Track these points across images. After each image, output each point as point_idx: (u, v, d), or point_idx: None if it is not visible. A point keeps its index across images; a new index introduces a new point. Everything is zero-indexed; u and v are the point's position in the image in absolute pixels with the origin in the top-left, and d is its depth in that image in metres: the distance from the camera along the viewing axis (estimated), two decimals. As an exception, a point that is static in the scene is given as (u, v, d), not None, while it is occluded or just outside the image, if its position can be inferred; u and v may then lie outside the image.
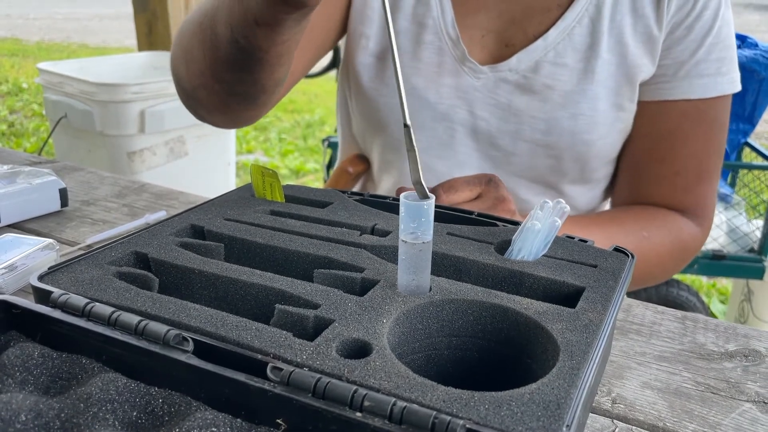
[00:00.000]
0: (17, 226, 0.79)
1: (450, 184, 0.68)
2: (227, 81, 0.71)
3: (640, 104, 0.87)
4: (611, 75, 0.83)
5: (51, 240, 0.68)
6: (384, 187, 0.99)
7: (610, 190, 0.97)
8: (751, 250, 1.92)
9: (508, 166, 0.89)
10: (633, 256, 0.55)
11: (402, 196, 0.44)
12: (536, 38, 0.84)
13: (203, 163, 2.57)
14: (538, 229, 0.52)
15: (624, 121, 0.86)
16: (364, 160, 1.02)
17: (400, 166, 0.94)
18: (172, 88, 2.29)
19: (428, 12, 0.86)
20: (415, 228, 0.45)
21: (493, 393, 0.36)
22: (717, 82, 0.83)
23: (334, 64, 2.21)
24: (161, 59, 2.72)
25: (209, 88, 0.74)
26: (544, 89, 0.83)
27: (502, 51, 0.86)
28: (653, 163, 0.88)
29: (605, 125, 0.84)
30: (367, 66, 0.90)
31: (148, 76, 2.51)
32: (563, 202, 0.53)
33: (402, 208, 0.45)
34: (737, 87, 0.85)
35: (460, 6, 0.87)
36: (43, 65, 2.48)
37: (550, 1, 0.83)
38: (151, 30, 2.93)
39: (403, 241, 0.45)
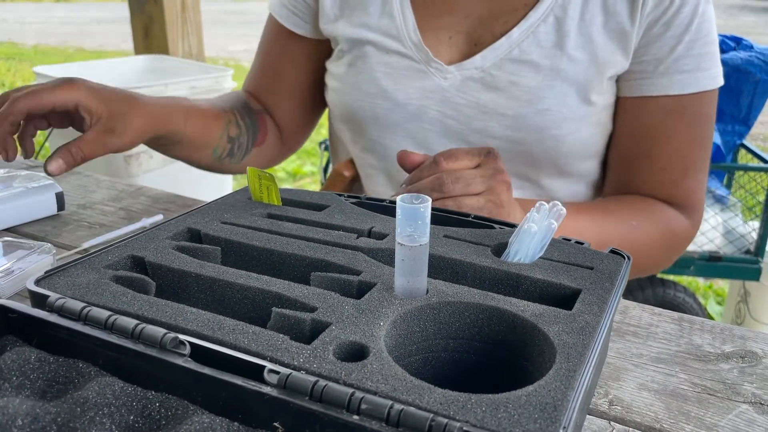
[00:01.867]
0: (13, 230, 0.79)
1: (450, 152, 0.68)
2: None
3: (621, 101, 0.88)
4: (580, 71, 0.84)
5: (47, 244, 0.68)
6: (374, 188, 1.00)
7: (598, 185, 0.98)
8: (748, 252, 1.92)
9: None
10: (629, 258, 0.55)
11: (399, 198, 0.45)
12: (502, 36, 0.86)
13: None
14: (535, 231, 0.52)
15: (595, 116, 0.87)
16: None
17: (383, 168, 0.96)
18: (168, 92, 2.29)
19: (392, 22, 0.90)
20: (412, 231, 0.45)
21: (490, 395, 0.36)
22: (697, 77, 0.84)
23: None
24: (158, 63, 2.72)
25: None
26: (510, 86, 0.85)
27: (471, 50, 0.89)
28: (638, 160, 0.89)
29: (574, 120, 0.86)
30: (339, 75, 0.96)
31: (145, 80, 2.52)
32: (560, 204, 0.53)
33: (399, 211, 0.45)
34: (719, 82, 0.86)
35: (423, 11, 0.90)
36: (39, 69, 2.47)
37: (517, 1, 0.86)
38: (147, 33, 2.93)
39: (399, 243, 0.45)
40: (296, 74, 1.03)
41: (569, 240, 0.58)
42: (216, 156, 0.98)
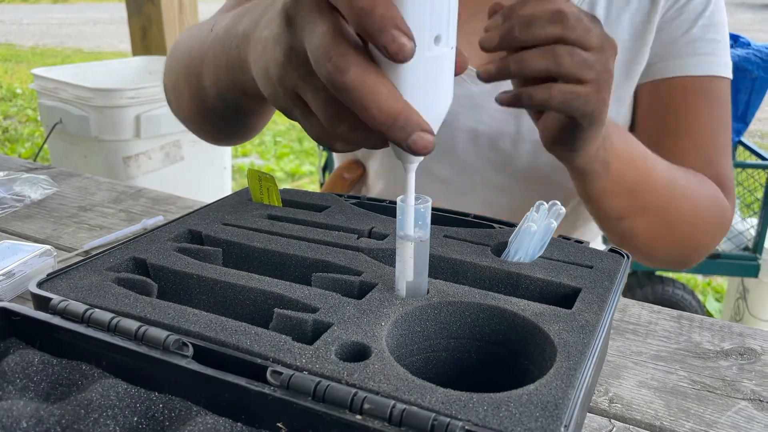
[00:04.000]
0: (14, 233, 0.79)
1: (567, 11, 0.56)
2: (215, 123, 0.75)
3: (640, 89, 0.87)
4: None
5: (48, 246, 0.68)
6: (377, 190, 0.99)
7: None
8: (746, 249, 1.93)
9: (509, 168, 0.89)
10: (628, 257, 0.55)
11: (399, 199, 0.45)
12: None
13: (199, 168, 2.57)
14: (535, 230, 0.53)
15: (623, 116, 0.87)
16: (360, 166, 1.02)
17: (399, 169, 0.95)
18: (167, 93, 2.30)
19: None
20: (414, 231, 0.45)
21: (492, 394, 0.36)
22: (713, 61, 0.83)
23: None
24: (156, 64, 2.72)
25: (198, 124, 0.78)
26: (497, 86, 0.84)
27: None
28: (668, 137, 0.86)
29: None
30: None
31: (144, 81, 2.52)
32: (559, 203, 0.54)
33: (399, 212, 0.45)
34: (730, 73, 0.85)
35: None
36: (37, 71, 2.48)
37: None
38: (145, 34, 2.93)
39: (399, 241, 0.45)
40: None
41: (569, 239, 0.58)
42: (270, 116, 0.88)
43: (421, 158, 0.42)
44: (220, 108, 0.68)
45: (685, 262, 0.87)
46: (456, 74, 0.42)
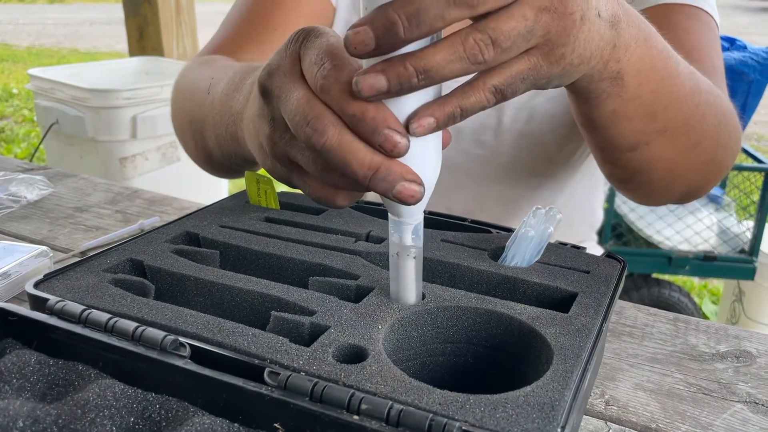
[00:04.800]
0: (10, 234, 0.79)
1: None
2: (224, 170, 0.78)
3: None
4: None
5: (44, 247, 0.68)
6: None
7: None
8: (742, 251, 1.93)
9: (493, 163, 0.90)
10: (625, 263, 0.55)
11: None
12: None
13: (195, 169, 2.54)
14: (532, 236, 0.53)
15: None
16: None
17: None
18: (163, 94, 2.29)
19: None
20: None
21: (489, 396, 0.36)
22: None
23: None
24: (153, 64, 2.72)
25: (208, 168, 0.81)
26: None
27: None
28: None
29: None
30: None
31: (140, 82, 2.51)
32: (555, 208, 0.54)
33: (390, 223, 0.45)
34: (718, 20, 0.78)
35: None
36: (34, 71, 2.47)
37: None
38: (142, 35, 2.93)
39: (392, 249, 0.45)
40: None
41: (565, 244, 0.58)
42: None
43: (419, 218, 0.44)
44: (226, 164, 0.71)
45: (701, 191, 0.75)
46: (443, 147, 0.44)
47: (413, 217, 0.43)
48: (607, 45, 0.48)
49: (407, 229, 0.44)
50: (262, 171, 0.56)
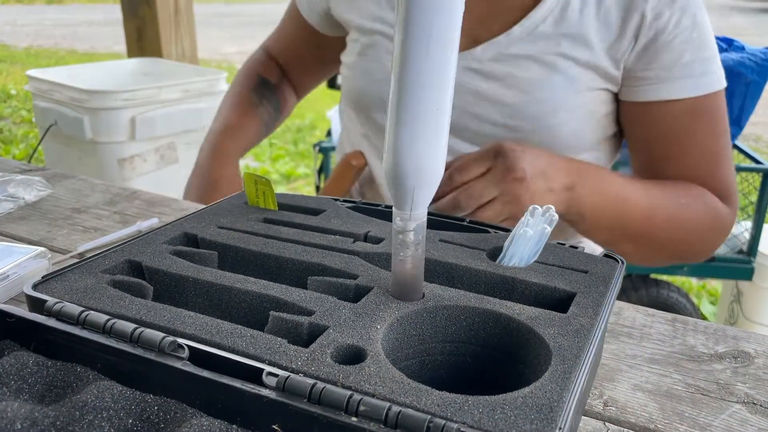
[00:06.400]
0: (8, 235, 0.79)
1: (462, 164, 0.74)
2: None
3: (639, 106, 0.90)
4: (577, 68, 0.87)
5: (42, 248, 0.68)
6: (384, 189, 1.02)
7: None
8: (740, 252, 1.93)
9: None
10: (623, 262, 0.55)
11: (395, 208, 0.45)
12: (501, 34, 0.90)
13: (194, 170, 2.56)
14: (530, 236, 0.53)
15: (583, 107, 0.89)
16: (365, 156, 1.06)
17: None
18: (162, 95, 2.29)
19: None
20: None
21: (487, 397, 0.36)
22: (709, 80, 0.87)
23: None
24: (151, 66, 2.72)
25: None
26: (507, 77, 0.89)
27: (470, 45, 0.92)
28: (668, 161, 0.91)
29: (568, 111, 0.89)
30: (349, 63, 1.02)
31: (138, 83, 2.51)
32: (553, 209, 0.54)
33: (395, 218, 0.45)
34: (724, 83, 0.89)
35: None
36: (32, 72, 2.47)
37: (515, 3, 0.90)
38: (140, 36, 2.93)
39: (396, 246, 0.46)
40: (311, 57, 1.18)
41: (564, 244, 0.58)
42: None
43: (423, 221, 0.46)
44: None
45: (689, 262, 0.97)
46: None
47: (419, 210, 0.44)
48: (564, 203, 0.78)
49: (410, 224, 0.45)
50: (261, 170, 0.57)
